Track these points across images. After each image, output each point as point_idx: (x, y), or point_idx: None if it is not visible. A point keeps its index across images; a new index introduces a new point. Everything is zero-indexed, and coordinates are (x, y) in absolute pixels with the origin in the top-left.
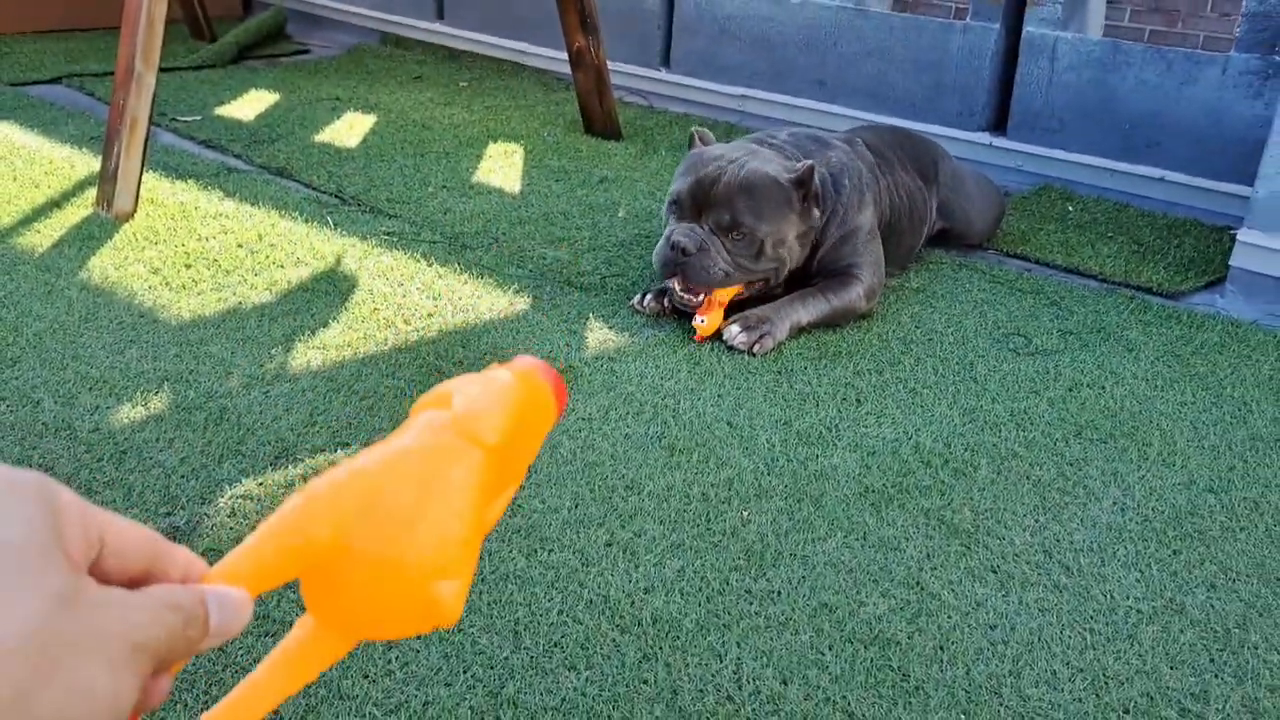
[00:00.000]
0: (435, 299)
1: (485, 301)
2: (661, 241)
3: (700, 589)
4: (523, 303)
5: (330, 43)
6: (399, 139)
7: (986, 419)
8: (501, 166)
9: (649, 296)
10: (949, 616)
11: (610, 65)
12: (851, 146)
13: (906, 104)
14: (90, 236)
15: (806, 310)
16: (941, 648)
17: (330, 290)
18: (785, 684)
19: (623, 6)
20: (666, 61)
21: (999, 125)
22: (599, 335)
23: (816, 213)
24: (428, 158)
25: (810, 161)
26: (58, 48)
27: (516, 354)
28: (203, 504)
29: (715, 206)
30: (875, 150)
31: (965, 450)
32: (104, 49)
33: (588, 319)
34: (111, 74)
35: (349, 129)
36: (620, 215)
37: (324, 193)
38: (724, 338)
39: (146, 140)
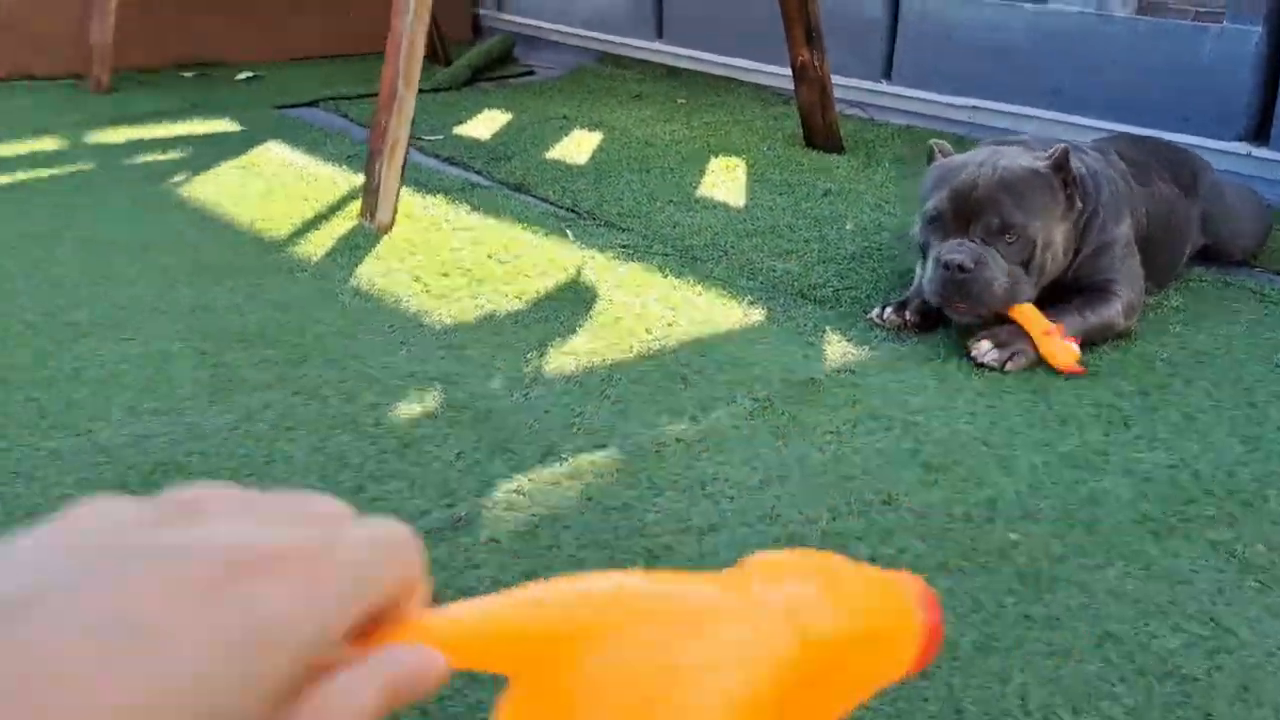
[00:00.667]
0: (673, 309)
1: (720, 313)
2: (930, 267)
3: (974, 610)
4: (757, 314)
5: (553, 64)
6: (624, 155)
7: (1272, 448)
8: (724, 181)
9: (889, 309)
10: (1250, 655)
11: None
12: (1103, 155)
13: (1153, 113)
14: (356, 247)
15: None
16: (1245, 687)
17: (575, 299)
18: (1077, 714)
19: (843, 18)
20: (888, 73)
21: (1260, 134)
22: (838, 348)
23: (1079, 204)
24: (653, 173)
25: (1063, 144)
26: (314, 73)
27: (756, 366)
28: (479, 497)
29: (980, 213)
30: (1129, 160)
31: (1251, 481)
32: (354, 73)
33: (824, 331)
34: (362, 96)
35: (577, 146)
36: (848, 228)
37: (560, 207)
38: (972, 354)
39: (405, 158)
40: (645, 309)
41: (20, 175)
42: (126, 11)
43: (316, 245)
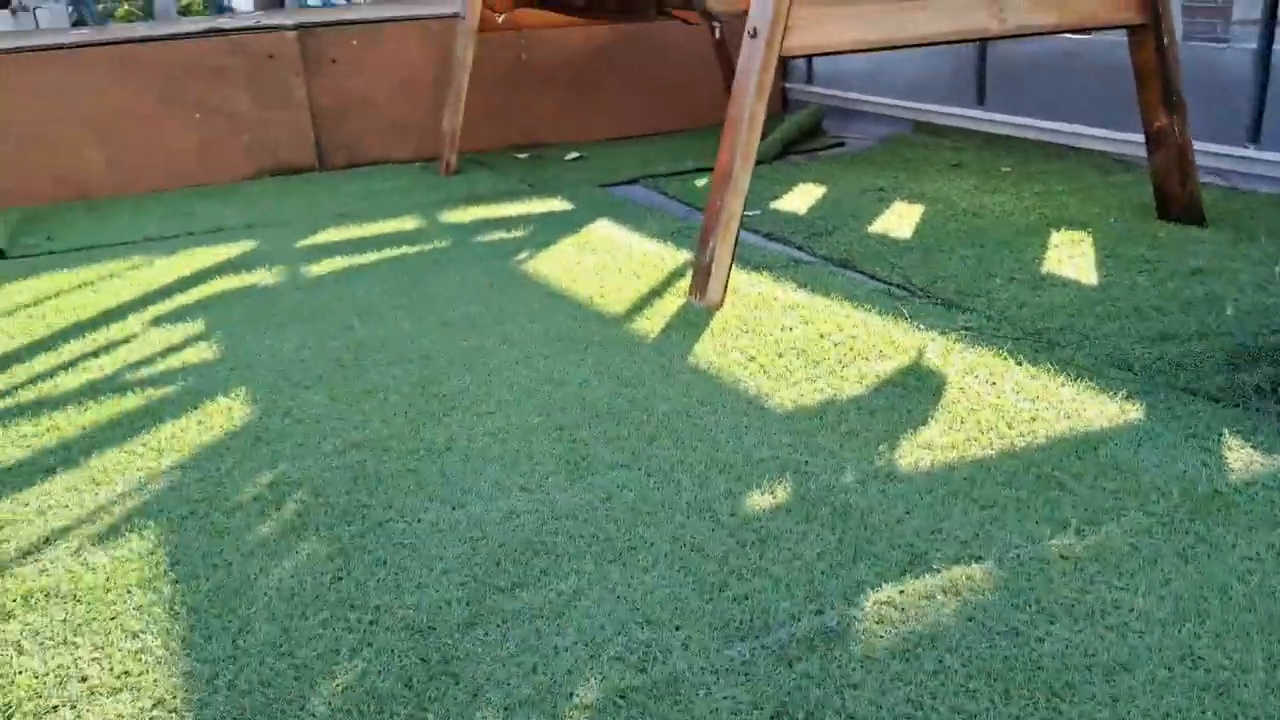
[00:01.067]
0: (1033, 401)
1: (1091, 407)
2: None
3: None
4: (1135, 411)
5: (864, 134)
6: (952, 228)
7: None
8: (1070, 256)
9: None
10: None
11: None
12: None
13: None
14: (689, 323)
15: None
16: None
17: (920, 386)
18: None
19: (1198, 78)
20: (1255, 136)
21: None
22: (1242, 455)
23: None
24: (987, 247)
25: None
26: (632, 152)
27: (1145, 474)
28: (848, 606)
29: None
30: None
31: None
32: (670, 151)
33: (1221, 434)
34: (677, 174)
35: (899, 219)
36: (1229, 313)
37: (889, 284)
38: None
39: (736, 236)
40: (1001, 400)
41: (388, 252)
42: (471, 100)
43: (651, 321)
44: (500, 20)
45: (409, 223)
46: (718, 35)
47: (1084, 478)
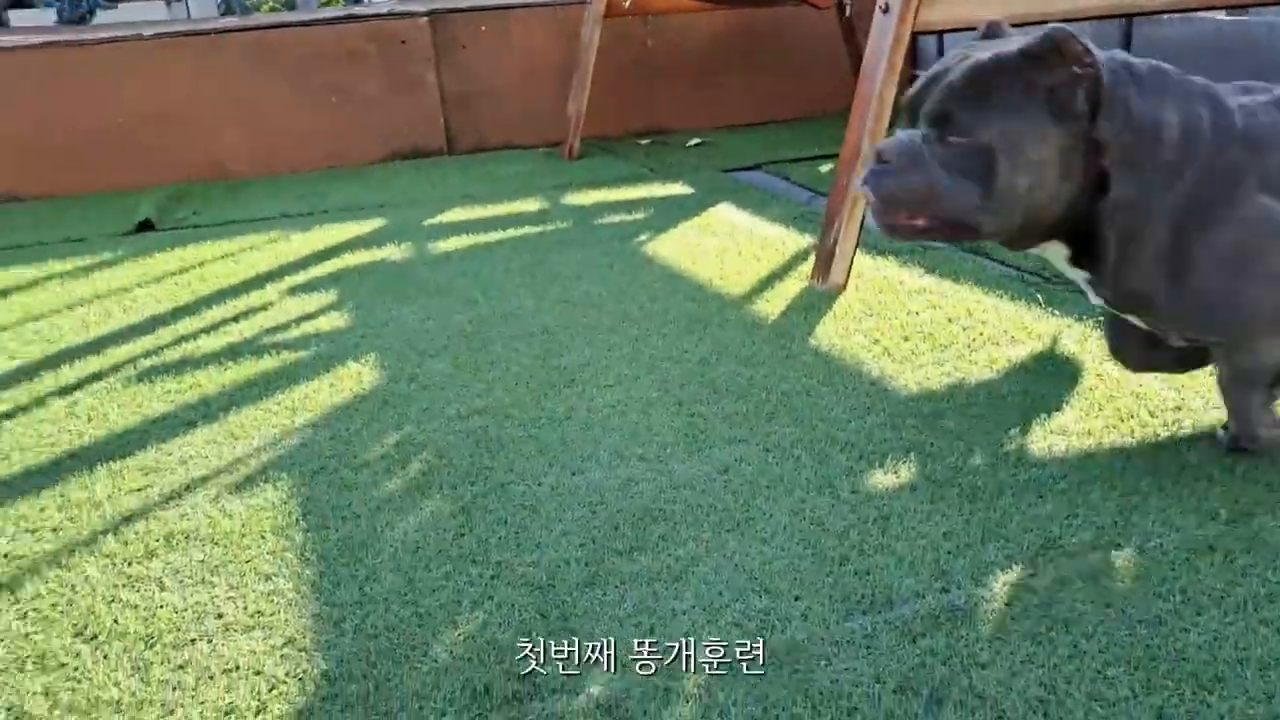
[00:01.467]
0: (1178, 390)
1: None
2: None
3: None
4: None
5: None
6: None
7: None
8: None
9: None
10: None
11: None
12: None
13: None
14: (811, 307)
15: None
16: None
17: (1055, 372)
18: None
19: None
20: None
21: None
22: None
23: (1084, 108)
24: None
25: (1060, 26)
26: (754, 138)
27: None
28: (976, 586)
29: (927, 104)
30: None
31: None
32: (794, 138)
33: None
34: (801, 160)
35: None
36: None
37: (1023, 270)
38: None
39: (862, 219)
40: (1142, 388)
41: (512, 232)
42: (595, 86)
43: (772, 304)
44: (627, 4)
45: (532, 204)
46: (847, 14)
47: (1234, 469)
